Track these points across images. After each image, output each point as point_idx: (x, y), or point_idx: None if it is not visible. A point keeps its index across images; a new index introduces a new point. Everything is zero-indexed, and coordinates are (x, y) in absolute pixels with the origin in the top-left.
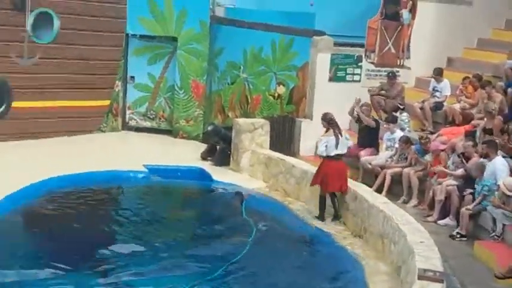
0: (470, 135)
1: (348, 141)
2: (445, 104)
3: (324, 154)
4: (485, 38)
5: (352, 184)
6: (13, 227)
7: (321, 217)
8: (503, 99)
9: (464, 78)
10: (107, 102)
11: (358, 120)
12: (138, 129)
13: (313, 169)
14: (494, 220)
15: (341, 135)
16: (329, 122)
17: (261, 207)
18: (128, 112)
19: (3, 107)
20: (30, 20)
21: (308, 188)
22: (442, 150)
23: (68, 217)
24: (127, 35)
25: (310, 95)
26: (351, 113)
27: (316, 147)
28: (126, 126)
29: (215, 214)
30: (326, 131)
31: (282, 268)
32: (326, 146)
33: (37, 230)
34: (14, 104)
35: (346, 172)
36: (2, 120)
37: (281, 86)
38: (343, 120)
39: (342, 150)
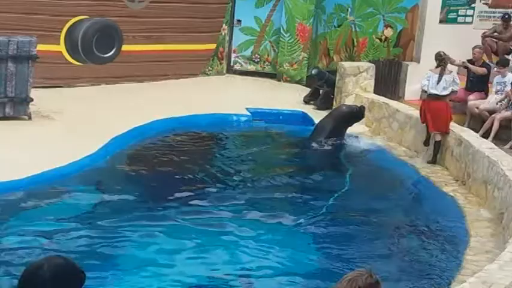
0: None
1: (455, 83)
2: None
3: (425, 89)
4: None
5: (457, 129)
6: (119, 168)
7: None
8: None
9: None
10: (213, 46)
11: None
12: (243, 73)
13: (417, 113)
14: None
15: (446, 75)
16: (439, 59)
17: (363, 151)
18: (233, 55)
19: (114, 50)
20: None
21: (411, 133)
22: None
23: (169, 161)
24: None
25: (418, 38)
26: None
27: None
28: (231, 70)
29: (315, 158)
30: (436, 67)
31: (382, 210)
32: (428, 81)
33: (141, 172)
34: (124, 48)
35: (446, 114)
36: (112, 63)
37: (389, 28)
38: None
39: (440, 91)
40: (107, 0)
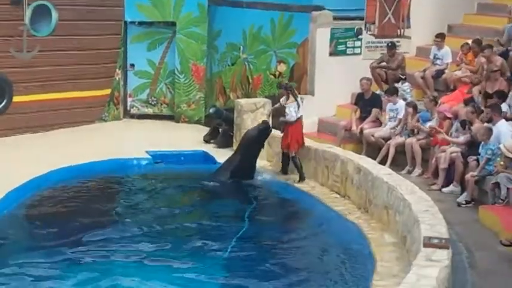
0: (470, 101)
1: (302, 103)
2: (446, 71)
3: (295, 119)
4: (485, 2)
5: (355, 157)
6: (17, 220)
7: (302, 177)
8: (504, 63)
9: (463, 45)
10: (108, 91)
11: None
12: (140, 116)
13: (317, 145)
14: (498, 184)
15: (299, 99)
16: (287, 88)
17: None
18: (129, 100)
19: (4, 102)
20: (28, 13)
21: (312, 165)
22: (448, 118)
23: (71, 209)
24: (125, 22)
25: (311, 71)
26: None
27: (288, 115)
28: (128, 114)
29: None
30: (287, 99)
31: (287, 242)
32: (295, 111)
33: (39, 223)
34: (15, 99)
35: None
36: (4, 115)
37: (282, 64)
38: (346, 94)
39: (301, 112)
40: None
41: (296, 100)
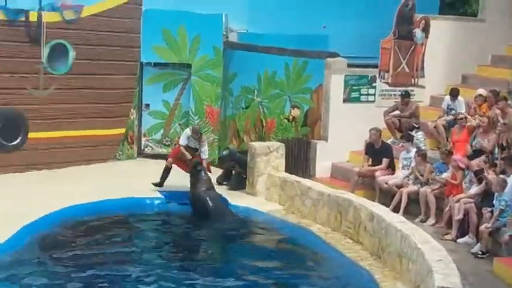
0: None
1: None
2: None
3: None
4: (499, 54)
5: (368, 204)
6: (28, 256)
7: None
8: None
9: (477, 96)
10: (123, 131)
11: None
12: (154, 156)
13: (330, 191)
14: None
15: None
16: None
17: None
18: (143, 139)
19: (19, 138)
20: (45, 51)
21: (325, 210)
22: (461, 169)
23: (84, 246)
24: (141, 63)
25: (325, 117)
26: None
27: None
28: (141, 154)
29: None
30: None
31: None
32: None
33: (51, 260)
34: (30, 135)
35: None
36: (18, 151)
37: (295, 109)
38: (358, 142)
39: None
40: (11, 88)
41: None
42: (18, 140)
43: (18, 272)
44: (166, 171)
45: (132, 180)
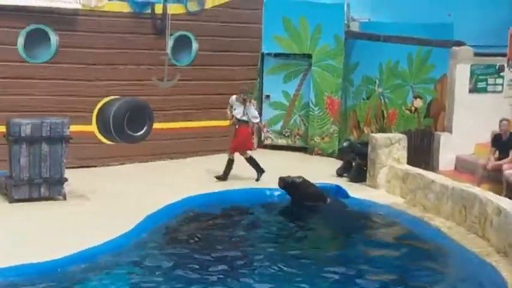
0: None
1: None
2: None
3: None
4: None
5: (495, 198)
6: (153, 243)
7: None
8: None
9: None
10: None
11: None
12: (274, 147)
13: (454, 184)
14: None
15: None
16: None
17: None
18: (263, 130)
19: (145, 129)
20: (170, 43)
21: (449, 204)
22: None
23: (206, 235)
24: (262, 54)
25: (449, 108)
26: None
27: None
28: (261, 145)
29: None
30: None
31: (423, 278)
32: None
33: (177, 249)
34: (155, 126)
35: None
36: (143, 141)
37: (418, 99)
38: (485, 133)
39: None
40: (137, 80)
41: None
42: (143, 131)
43: (142, 257)
44: (230, 163)
45: (252, 171)
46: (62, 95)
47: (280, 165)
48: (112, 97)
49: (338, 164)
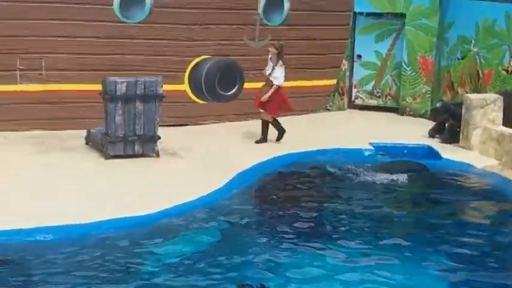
0: None
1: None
2: None
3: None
4: None
5: None
6: (243, 203)
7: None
8: None
9: None
10: (334, 81)
11: None
12: (364, 108)
13: None
14: None
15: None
16: (281, 49)
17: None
18: (354, 90)
19: (236, 88)
20: (262, 2)
21: None
22: None
23: (293, 195)
24: (354, 13)
25: None
26: None
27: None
28: (352, 105)
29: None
30: (277, 61)
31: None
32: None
33: (264, 207)
34: (246, 86)
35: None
36: (234, 101)
37: None
38: None
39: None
40: (228, 40)
41: (283, 65)
42: (234, 90)
43: (233, 212)
44: (265, 125)
45: (342, 131)
46: (156, 54)
47: (370, 126)
48: (204, 57)
49: (430, 125)
